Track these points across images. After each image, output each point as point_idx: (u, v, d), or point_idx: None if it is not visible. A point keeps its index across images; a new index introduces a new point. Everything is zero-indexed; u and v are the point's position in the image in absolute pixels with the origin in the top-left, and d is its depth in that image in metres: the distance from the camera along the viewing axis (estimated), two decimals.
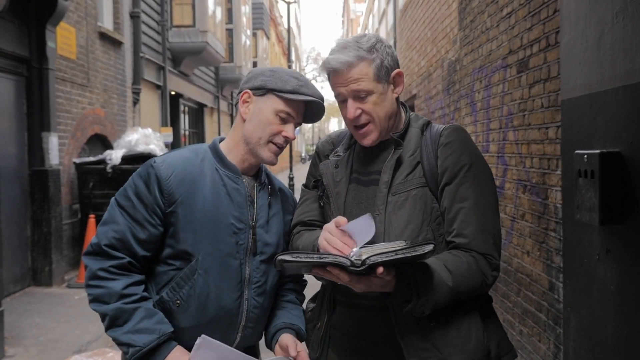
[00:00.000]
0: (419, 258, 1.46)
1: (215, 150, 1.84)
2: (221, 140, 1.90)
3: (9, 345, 4.86)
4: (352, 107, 1.71)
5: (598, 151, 2.38)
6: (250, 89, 1.81)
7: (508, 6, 4.34)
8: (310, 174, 1.97)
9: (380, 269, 1.42)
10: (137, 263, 1.74)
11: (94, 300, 1.70)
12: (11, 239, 6.35)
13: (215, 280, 1.75)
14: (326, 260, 1.44)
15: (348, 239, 1.56)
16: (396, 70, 1.75)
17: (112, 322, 1.68)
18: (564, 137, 3.01)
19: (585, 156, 2.47)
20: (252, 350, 1.88)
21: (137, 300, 1.69)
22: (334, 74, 1.72)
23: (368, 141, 1.76)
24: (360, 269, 1.42)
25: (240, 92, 1.85)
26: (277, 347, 1.82)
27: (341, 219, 1.60)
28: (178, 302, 1.74)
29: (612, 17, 2.42)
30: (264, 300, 1.86)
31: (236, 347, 1.81)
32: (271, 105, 1.78)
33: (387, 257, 1.40)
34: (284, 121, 1.79)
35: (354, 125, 1.75)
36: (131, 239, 1.71)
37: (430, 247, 1.42)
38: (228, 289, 1.77)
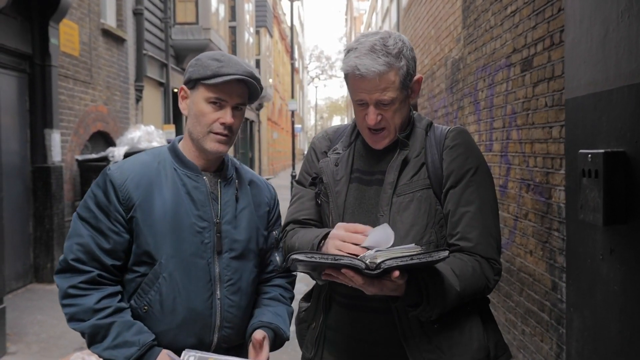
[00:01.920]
0: (434, 263, 1.46)
1: (174, 150, 1.81)
2: (181, 139, 1.85)
3: (11, 342, 4.87)
4: (374, 114, 1.66)
5: (602, 151, 2.37)
6: (185, 84, 1.78)
7: (512, 4, 4.32)
8: (305, 171, 1.92)
9: (396, 273, 1.41)
10: (107, 274, 1.70)
11: (70, 319, 1.68)
12: (13, 235, 6.35)
13: (182, 282, 1.70)
14: (341, 262, 1.43)
15: (358, 240, 1.53)
16: (417, 77, 1.72)
17: (92, 339, 1.66)
18: (567, 137, 3.00)
19: (590, 156, 2.45)
20: (239, 350, 1.82)
21: (111, 313, 1.65)
22: (358, 78, 1.64)
23: (381, 145, 1.74)
24: (376, 272, 1.40)
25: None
26: (249, 347, 1.78)
27: (359, 227, 1.56)
28: (145, 307, 1.70)
29: (617, 15, 2.41)
30: (240, 299, 1.80)
31: (214, 349, 1.76)
32: (201, 95, 1.73)
33: (402, 261, 1.39)
34: (219, 107, 1.73)
35: (371, 129, 1.72)
36: (96, 250, 1.68)
37: (445, 253, 1.42)
38: (197, 290, 1.72)
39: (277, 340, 1.83)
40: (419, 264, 1.41)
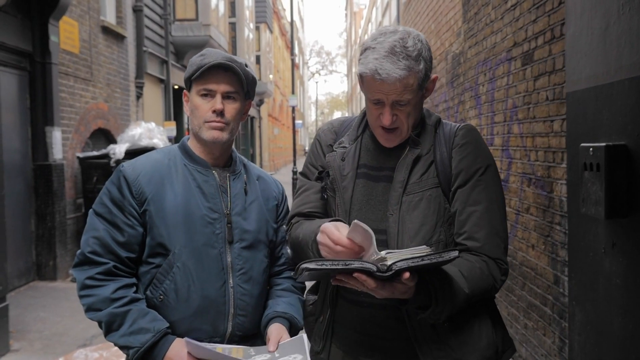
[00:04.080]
0: (444, 264, 1.46)
1: (184, 148, 1.92)
2: (189, 139, 1.96)
3: (14, 339, 4.88)
4: (390, 114, 1.65)
5: (604, 144, 2.37)
6: (186, 88, 1.91)
7: None
8: (310, 163, 1.91)
9: (407, 274, 1.40)
10: (123, 266, 1.78)
11: (88, 309, 1.76)
12: (15, 233, 6.36)
13: (195, 271, 1.79)
14: (352, 266, 1.42)
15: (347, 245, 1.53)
16: (432, 77, 1.71)
17: (108, 328, 1.73)
18: (569, 130, 2.99)
19: (591, 149, 2.45)
20: (253, 340, 1.88)
21: (127, 302, 1.74)
22: (378, 82, 1.61)
23: (393, 144, 1.73)
24: (387, 274, 1.40)
25: None
26: (267, 338, 1.82)
27: (335, 236, 1.54)
28: (161, 297, 1.79)
29: (618, 8, 2.40)
30: (253, 288, 1.87)
31: (229, 337, 1.82)
32: (194, 91, 1.85)
33: (413, 262, 1.39)
34: (210, 98, 1.83)
35: (384, 128, 1.70)
36: (112, 243, 1.77)
37: (455, 253, 1.41)
38: (210, 278, 1.80)
39: (292, 329, 1.89)
40: (429, 264, 1.40)
